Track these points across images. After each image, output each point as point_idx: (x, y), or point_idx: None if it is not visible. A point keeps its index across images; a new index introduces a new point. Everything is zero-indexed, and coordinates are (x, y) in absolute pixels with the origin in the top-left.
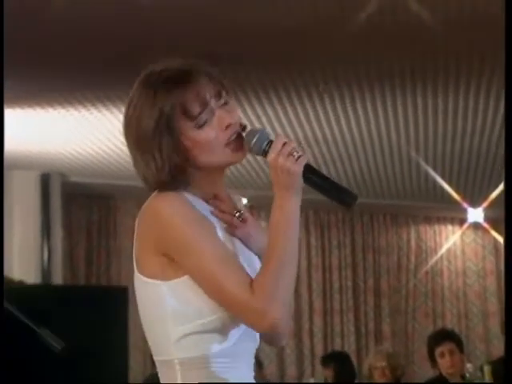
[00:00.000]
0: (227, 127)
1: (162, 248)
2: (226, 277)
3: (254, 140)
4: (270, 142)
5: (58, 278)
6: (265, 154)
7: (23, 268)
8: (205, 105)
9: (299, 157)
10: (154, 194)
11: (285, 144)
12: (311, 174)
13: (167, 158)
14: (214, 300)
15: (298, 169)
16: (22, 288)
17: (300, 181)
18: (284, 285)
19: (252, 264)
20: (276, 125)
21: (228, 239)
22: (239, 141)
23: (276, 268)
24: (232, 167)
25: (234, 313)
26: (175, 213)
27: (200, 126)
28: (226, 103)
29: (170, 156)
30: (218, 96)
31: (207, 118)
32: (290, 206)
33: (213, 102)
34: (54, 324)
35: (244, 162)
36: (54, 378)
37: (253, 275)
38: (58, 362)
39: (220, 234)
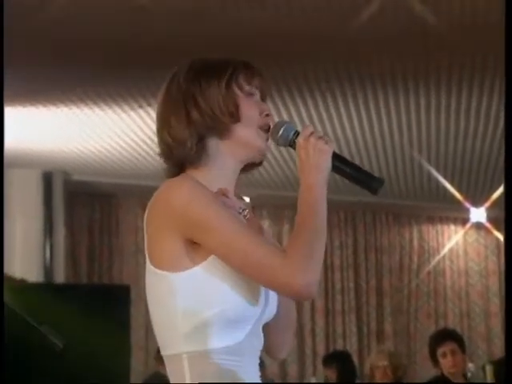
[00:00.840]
0: (266, 116)
1: (183, 232)
2: (255, 246)
3: (282, 130)
4: (297, 133)
5: (60, 277)
6: (292, 143)
7: (25, 266)
8: (259, 88)
9: (327, 141)
10: (164, 183)
11: (313, 132)
12: (338, 161)
13: (224, 105)
14: (246, 272)
15: (330, 149)
16: (23, 286)
17: (329, 161)
18: (316, 254)
19: None
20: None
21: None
22: (267, 135)
23: (308, 238)
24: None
25: (266, 280)
26: (191, 194)
27: (250, 95)
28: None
29: (223, 104)
30: (263, 94)
31: (257, 95)
32: (318, 183)
33: (261, 93)
34: (56, 322)
35: None
36: (55, 377)
37: None
38: (59, 360)
39: None
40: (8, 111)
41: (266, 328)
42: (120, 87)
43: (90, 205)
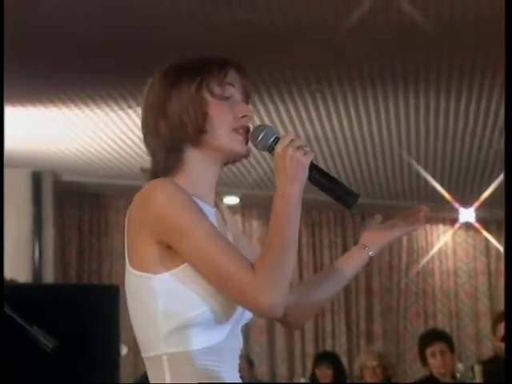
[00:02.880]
0: (243, 117)
1: (158, 235)
2: (224, 258)
3: (262, 135)
4: (277, 139)
5: (49, 277)
6: (271, 149)
7: (14, 267)
8: (240, 88)
9: (307, 152)
10: (147, 184)
11: (293, 140)
12: (315, 172)
13: (194, 115)
14: (212, 282)
15: (307, 161)
16: (13, 287)
17: (306, 173)
18: (284, 271)
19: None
20: (268, 123)
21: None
22: (246, 136)
23: (278, 254)
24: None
25: (231, 294)
26: (169, 197)
27: (224, 98)
28: (247, 103)
29: (196, 114)
30: (246, 92)
31: (232, 96)
32: (293, 196)
33: (240, 90)
34: (46, 323)
35: None
36: (44, 377)
37: None
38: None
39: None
40: None
41: (295, 303)
42: (109, 87)
43: (80, 205)
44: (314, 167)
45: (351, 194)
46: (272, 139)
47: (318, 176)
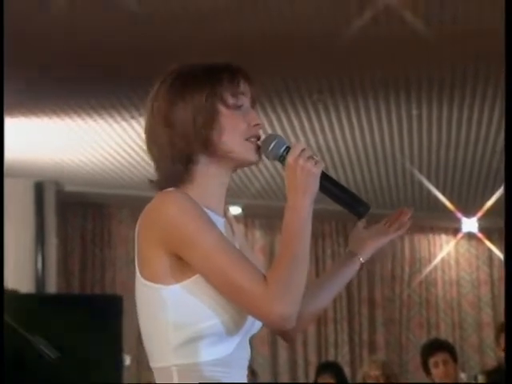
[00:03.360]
0: (255, 126)
1: (170, 246)
2: (237, 269)
3: (273, 144)
4: (288, 148)
5: (52, 287)
6: (281, 159)
7: (17, 277)
8: (246, 94)
9: (317, 161)
10: (157, 195)
11: (304, 150)
12: (326, 181)
13: (201, 129)
14: (224, 293)
15: (317, 171)
16: (16, 297)
17: (317, 184)
18: (297, 282)
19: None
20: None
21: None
22: (257, 144)
23: (290, 265)
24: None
25: (243, 305)
26: (180, 208)
27: (237, 107)
28: (254, 109)
29: (206, 126)
30: (252, 100)
31: (244, 105)
32: (304, 207)
33: (250, 100)
34: (48, 333)
35: (239, 170)
36: None
37: None
38: (52, 371)
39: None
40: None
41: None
42: (112, 98)
43: (82, 215)
44: (324, 176)
45: (362, 204)
46: (283, 149)
47: (329, 185)
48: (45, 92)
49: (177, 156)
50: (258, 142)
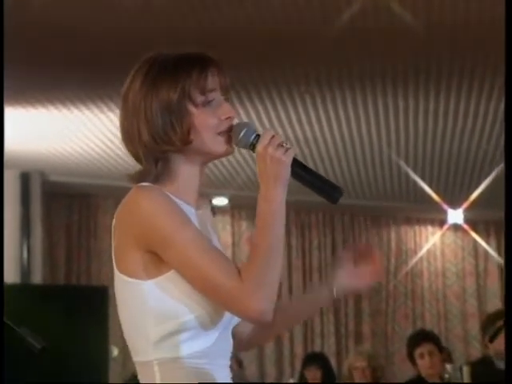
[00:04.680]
0: (227, 119)
1: (145, 243)
2: (212, 265)
3: (242, 133)
4: (258, 136)
5: (37, 278)
6: (252, 147)
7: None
8: (217, 87)
9: (287, 149)
10: (132, 189)
11: (273, 137)
12: (298, 168)
13: (179, 125)
14: (200, 290)
15: (287, 159)
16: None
17: (288, 171)
18: (271, 275)
19: None
20: (257, 125)
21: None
22: (229, 135)
23: (264, 258)
24: (213, 166)
25: (220, 301)
26: (155, 205)
27: (206, 104)
28: (227, 99)
29: (180, 125)
30: (226, 89)
31: (214, 100)
32: (276, 196)
33: (221, 91)
34: (34, 323)
35: (225, 161)
36: (34, 378)
37: None
38: (38, 361)
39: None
40: None
41: (249, 337)
42: (98, 88)
43: (68, 205)
44: (296, 163)
45: (336, 189)
46: (253, 137)
47: (301, 172)
48: (30, 82)
49: (153, 156)
50: (231, 133)
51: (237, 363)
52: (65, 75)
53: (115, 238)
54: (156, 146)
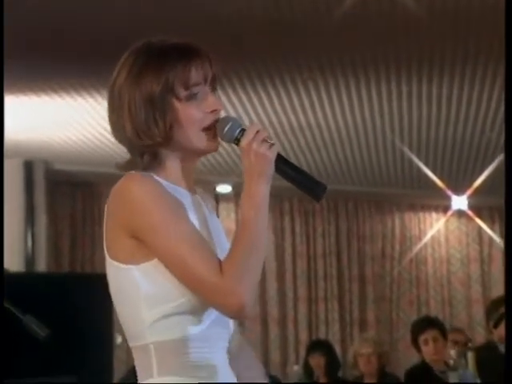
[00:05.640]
0: (212, 111)
1: (131, 230)
2: (193, 258)
3: (227, 127)
4: (243, 130)
5: (42, 266)
6: (237, 141)
7: (7, 256)
8: (201, 80)
9: (272, 145)
10: (126, 175)
11: (258, 132)
12: (282, 164)
13: (161, 121)
14: (182, 282)
15: (271, 155)
16: (5, 276)
17: (272, 167)
18: (251, 269)
19: (224, 250)
20: (260, 111)
21: (200, 223)
22: (214, 130)
23: (245, 252)
24: (217, 154)
25: (201, 295)
26: (143, 193)
27: (190, 98)
28: (214, 90)
29: (163, 120)
30: (213, 81)
31: (198, 93)
32: (260, 192)
33: (207, 83)
34: (39, 311)
35: (228, 148)
36: (38, 366)
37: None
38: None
39: (192, 217)
40: None
41: None
42: (101, 76)
43: (72, 194)
44: (280, 159)
45: (320, 186)
46: (237, 132)
47: (285, 168)
48: (33, 70)
49: (134, 148)
50: (216, 127)
51: None
52: (68, 63)
53: (105, 222)
54: (139, 140)
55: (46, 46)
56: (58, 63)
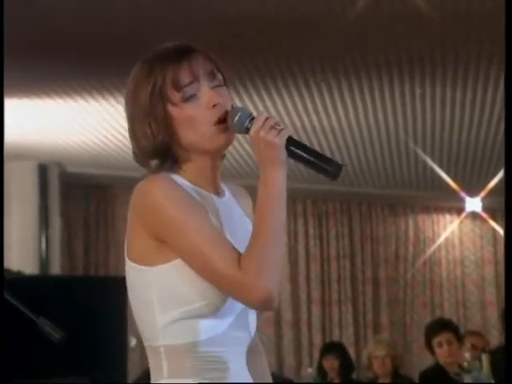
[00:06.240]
0: (214, 106)
1: (152, 231)
2: (213, 253)
3: (237, 118)
4: (253, 119)
5: (56, 269)
6: (247, 131)
7: (21, 259)
8: (194, 79)
9: (281, 130)
10: (146, 178)
11: (267, 119)
12: (294, 147)
13: (156, 131)
14: (204, 277)
15: (280, 141)
16: (20, 278)
17: (283, 153)
18: (272, 260)
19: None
20: (273, 113)
21: (220, 224)
22: (226, 123)
23: (264, 243)
24: (230, 156)
25: (223, 289)
26: (163, 194)
27: (186, 100)
28: (219, 86)
29: (159, 129)
30: (212, 76)
31: (195, 94)
32: (275, 179)
33: (204, 80)
34: (53, 314)
35: (241, 150)
36: (52, 368)
37: None
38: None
39: (211, 215)
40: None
41: None
42: (115, 79)
43: (86, 197)
44: (292, 142)
45: (334, 165)
46: (247, 121)
47: (296, 150)
48: (47, 73)
49: (155, 157)
50: (227, 120)
51: None
52: (81, 65)
53: (128, 224)
54: (153, 150)
55: (59, 47)
56: (71, 66)
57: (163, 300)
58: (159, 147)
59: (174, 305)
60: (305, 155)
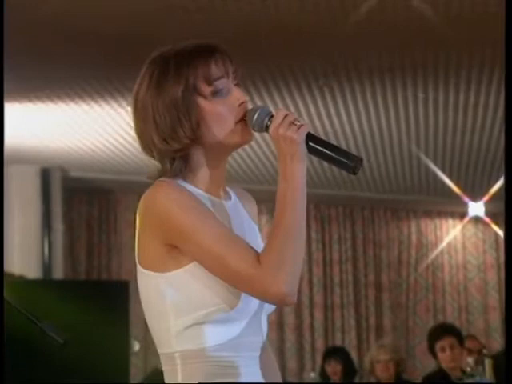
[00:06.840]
0: (241, 104)
1: (163, 237)
2: (230, 253)
3: (256, 116)
4: (272, 117)
5: (58, 273)
6: (267, 128)
7: (24, 263)
8: (224, 73)
9: (300, 126)
10: (154, 183)
11: (286, 116)
12: (313, 142)
13: (186, 126)
14: (221, 278)
15: (299, 137)
16: (23, 283)
17: (303, 149)
18: (291, 256)
19: (257, 245)
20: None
21: (230, 224)
22: (245, 122)
23: (283, 240)
24: (231, 159)
25: (241, 288)
26: (172, 200)
27: (215, 94)
28: (238, 84)
29: (190, 124)
30: (234, 74)
31: (223, 88)
32: (294, 173)
33: (230, 77)
34: (55, 318)
35: (244, 155)
36: (55, 372)
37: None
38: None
39: (222, 219)
40: (5, 108)
41: None
42: (117, 83)
43: (88, 201)
44: (312, 138)
45: (354, 159)
46: (267, 119)
47: (317, 147)
48: (50, 78)
49: (163, 156)
50: (246, 119)
51: None
52: (84, 71)
53: (137, 231)
54: (167, 146)
55: (62, 52)
56: (74, 70)
57: (177, 306)
58: (184, 143)
59: (188, 310)
60: (324, 150)
